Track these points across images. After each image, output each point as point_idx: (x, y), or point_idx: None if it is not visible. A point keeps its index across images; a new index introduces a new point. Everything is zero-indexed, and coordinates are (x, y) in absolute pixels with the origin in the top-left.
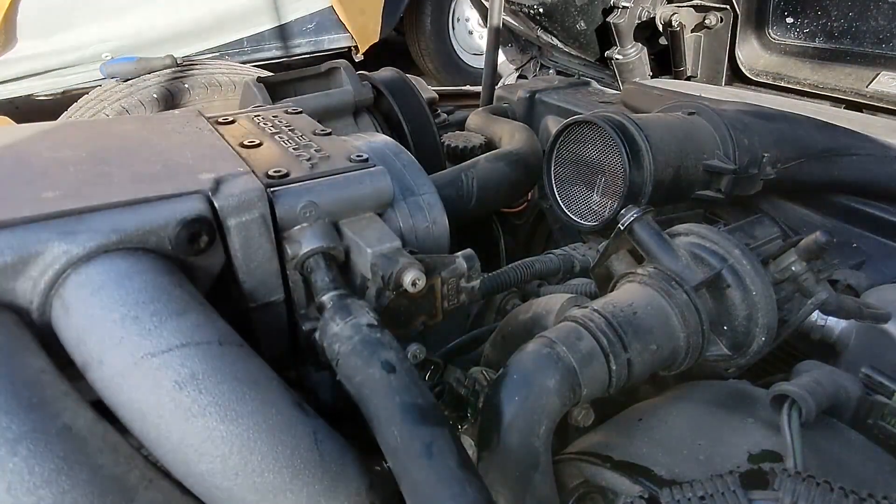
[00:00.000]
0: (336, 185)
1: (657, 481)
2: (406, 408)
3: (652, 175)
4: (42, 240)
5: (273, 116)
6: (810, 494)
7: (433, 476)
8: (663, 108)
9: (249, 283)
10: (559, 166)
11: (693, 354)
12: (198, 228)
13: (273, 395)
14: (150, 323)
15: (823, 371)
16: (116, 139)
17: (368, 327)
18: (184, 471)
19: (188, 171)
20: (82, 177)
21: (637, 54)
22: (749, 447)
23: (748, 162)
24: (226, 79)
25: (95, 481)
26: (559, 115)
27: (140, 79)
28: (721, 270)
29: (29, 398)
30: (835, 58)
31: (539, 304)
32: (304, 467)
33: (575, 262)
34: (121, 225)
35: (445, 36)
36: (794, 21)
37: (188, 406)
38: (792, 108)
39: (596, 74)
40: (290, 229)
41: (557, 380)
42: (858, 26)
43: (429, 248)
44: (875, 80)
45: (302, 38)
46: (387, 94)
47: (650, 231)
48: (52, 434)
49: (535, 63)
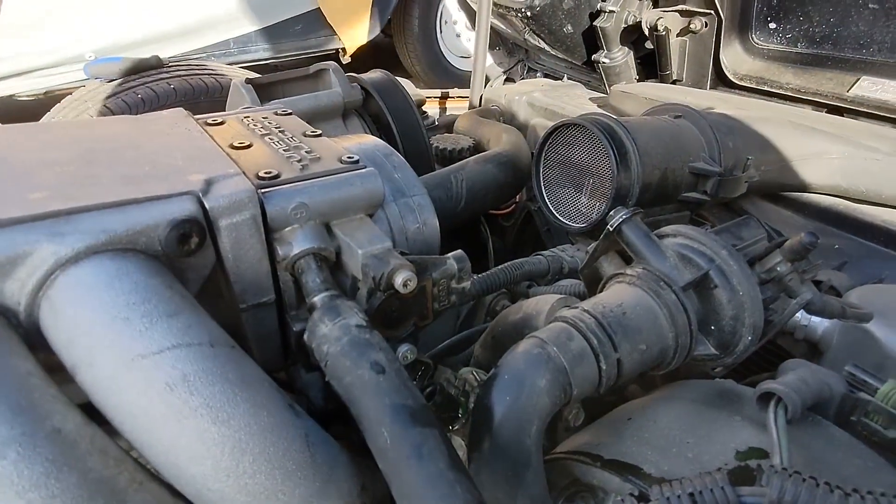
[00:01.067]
0: (327, 186)
1: (647, 479)
2: (396, 409)
3: (639, 177)
4: (30, 241)
5: (263, 118)
6: (797, 490)
7: (423, 477)
8: (650, 111)
9: (240, 285)
10: (547, 168)
11: (681, 354)
12: (188, 229)
13: (264, 396)
14: (140, 324)
15: (808, 369)
16: (104, 140)
17: (357, 328)
18: (175, 473)
19: (178, 172)
20: (70, 178)
21: (623, 58)
22: (736, 445)
23: (733, 164)
24: (213, 80)
25: (85, 484)
26: (547, 118)
27: (125, 79)
28: (708, 271)
29: (17, 401)
30: (816, 63)
31: (529, 305)
32: (296, 469)
33: (564, 263)
34: (110, 226)
35: (433, 38)
36: (776, 26)
37: (179, 408)
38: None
39: (583, 78)
40: (280, 230)
41: (548, 380)
42: (840, 32)
43: (419, 250)
44: (856, 84)
45: (289, 39)
46: (376, 96)
47: (639, 232)
48: (40, 437)
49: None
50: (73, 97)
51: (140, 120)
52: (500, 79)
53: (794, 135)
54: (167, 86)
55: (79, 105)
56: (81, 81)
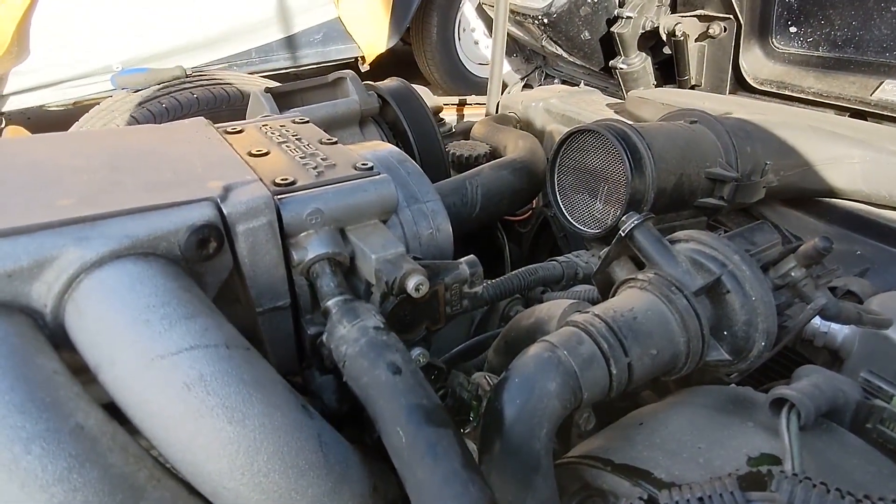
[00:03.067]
0: (341, 192)
1: (657, 484)
2: (411, 409)
3: (654, 183)
4: (57, 245)
5: (280, 126)
6: (807, 496)
7: (437, 476)
8: (665, 116)
9: (256, 289)
10: (562, 174)
11: (693, 359)
12: (207, 234)
13: (278, 397)
14: (160, 326)
15: (822, 375)
16: (128, 148)
17: (375, 330)
18: (191, 470)
19: (198, 179)
20: (96, 185)
21: (641, 64)
22: (748, 450)
23: (750, 169)
24: (234, 89)
25: (105, 480)
26: (563, 124)
27: (150, 89)
28: (721, 276)
29: (42, 398)
30: (839, 66)
31: (541, 310)
32: (309, 469)
33: (578, 268)
34: (133, 231)
35: (451, 46)
36: (797, 30)
37: (196, 407)
38: (796, 116)
39: (600, 84)
40: (296, 236)
41: (558, 383)
42: (862, 35)
43: (432, 255)
44: (879, 88)
45: (309, 48)
46: (392, 104)
47: (650, 237)
48: (64, 433)
49: (540, 72)
50: (101, 107)
51: (163, 129)
52: (517, 85)
53: (814, 139)
54: (190, 95)
55: (106, 115)
56: (109, 92)
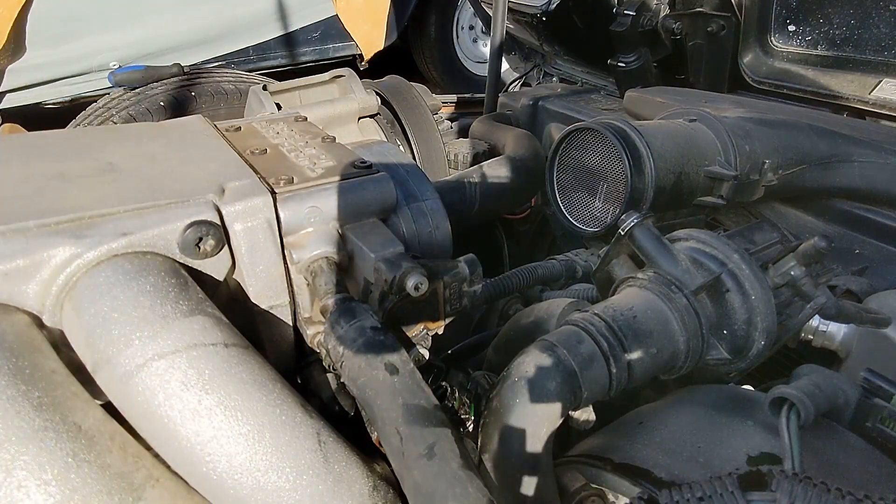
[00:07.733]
0: (340, 190)
1: (657, 483)
2: (409, 409)
3: (653, 181)
4: (54, 244)
5: (279, 124)
6: (807, 495)
7: (435, 476)
8: (665, 114)
9: (255, 287)
10: (561, 173)
11: (693, 358)
12: (204, 233)
13: (277, 396)
14: (158, 325)
15: (822, 374)
16: (126, 146)
17: (372, 330)
18: (190, 469)
19: (195, 177)
20: (93, 183)
21: (640, 62)
22: (748, 450)
23: (749, 168)
24: (232, 87)
25: (103, 479)
26: (562, 122)
27: (147, 87)
28: (720, 275)
29: (40, 398)
30: (837, 65)
31: (541, 309)
32: (308, 467)
33: (577, 267)
34: (130, 229)
35: (450, 44)
36: (796, 28)
37: (194, 406)
38: (795, 115)
39: (599, 82)
40: (294, 234)
41: (558, 383)
42: (861, 34)
43: (432, 253)
44: (878, 87)
45: (307, 46)
46: (391, 102)
47: (650, 236)
48: (62, 433)
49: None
50: (98, 105)
51: (161, 126)
52: (516, 83)
53: (813, 138)
54: (188, 93)
55: (103, 112)
56: (106, 89)
